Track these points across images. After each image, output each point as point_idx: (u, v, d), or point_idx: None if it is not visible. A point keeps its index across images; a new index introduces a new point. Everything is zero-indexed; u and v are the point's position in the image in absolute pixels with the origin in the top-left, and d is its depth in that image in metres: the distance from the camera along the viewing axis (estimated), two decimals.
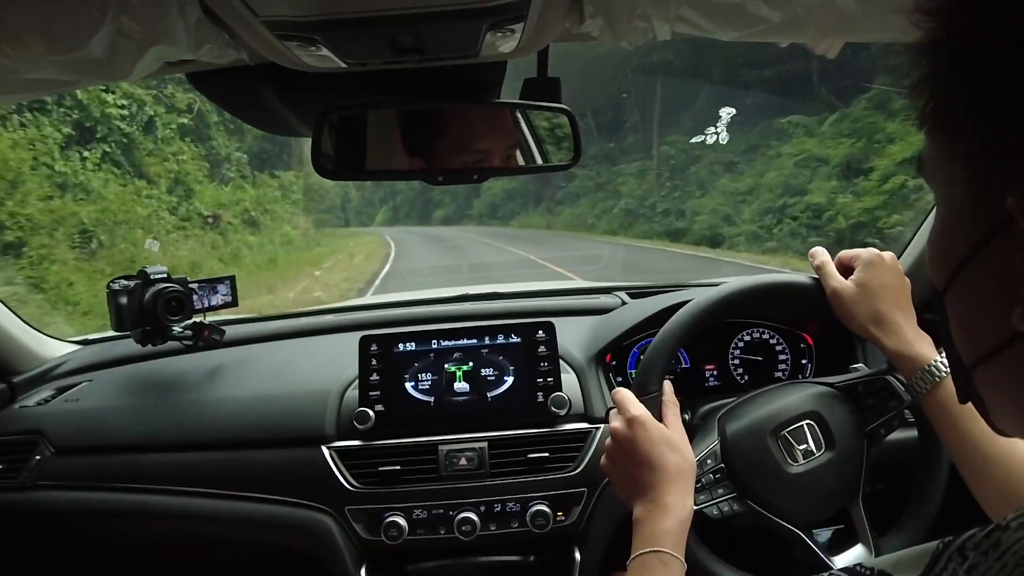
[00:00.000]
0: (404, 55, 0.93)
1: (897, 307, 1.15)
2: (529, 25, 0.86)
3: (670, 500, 1.01)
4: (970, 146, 0.44)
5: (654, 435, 1.06)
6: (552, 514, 1.39)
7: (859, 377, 1.25)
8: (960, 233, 0.47)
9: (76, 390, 1.76)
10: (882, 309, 1.14)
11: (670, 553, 0.97)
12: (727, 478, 1.18)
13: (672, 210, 20.38)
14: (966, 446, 1.02)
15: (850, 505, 1.19)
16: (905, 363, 1.11)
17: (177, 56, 0.89)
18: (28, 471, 1.57)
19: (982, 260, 0.45)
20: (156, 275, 1.70)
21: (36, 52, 0.83)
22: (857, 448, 1.19)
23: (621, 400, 1.11)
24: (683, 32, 0.95)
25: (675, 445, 1.07)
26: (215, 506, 1.48)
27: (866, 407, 1.21)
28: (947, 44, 0.44)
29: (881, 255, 1.19)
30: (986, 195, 0.43)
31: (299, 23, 0.80)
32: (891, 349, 1.12)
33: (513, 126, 1.27)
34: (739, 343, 1.68)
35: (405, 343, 1.52)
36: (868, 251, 1.20)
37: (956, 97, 0.45)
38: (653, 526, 1.00)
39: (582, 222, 24.98)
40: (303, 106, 1.17)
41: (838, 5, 0.85)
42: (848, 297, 1.16)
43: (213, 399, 1.64)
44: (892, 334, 1.13)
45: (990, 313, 0.46)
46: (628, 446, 1.06)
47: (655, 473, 1.03)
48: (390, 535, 1.38)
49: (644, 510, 1.02)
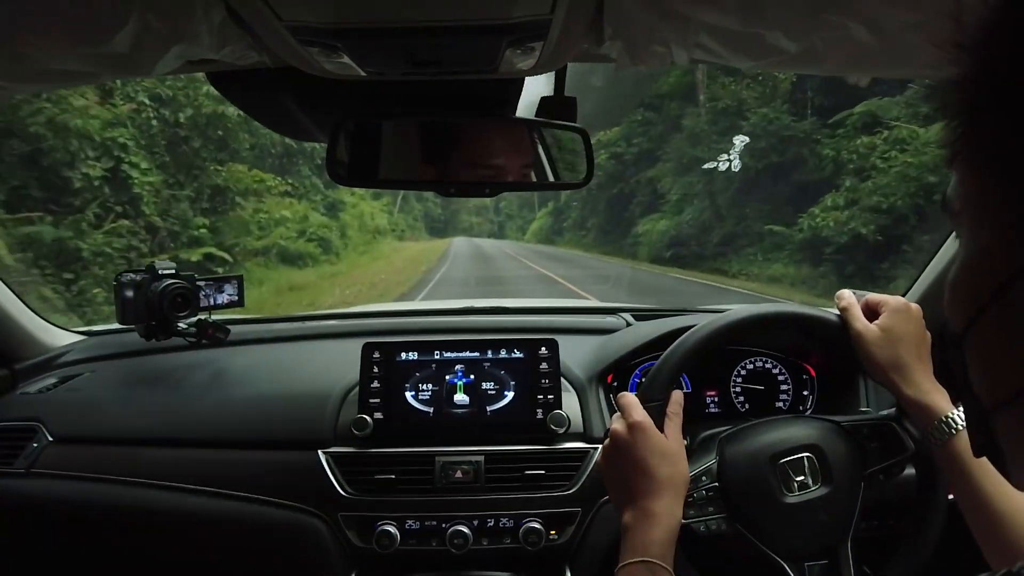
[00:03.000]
0: (423, 67, 0.94)
1: (918, 357, 1.15)
2: (549, 44, 0.87)
3: (658, 510, 1.02)
4: (1002, 185, 0.43)
5: (652, 443, 1.07)
6: (545, 532, 1.39)
7: (866, 419, 1.26)
8: (985, 274, 0.46)
9: (78, 380, 1.77)
10: (903, 356, 1.14)
11: (659, 564, 0.97)
12: (720, 498, 1.18)
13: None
14: (979, 501, 1.01)
15: (838, 544, 1.18)
16: (921, 412, 1.11)
17: (199, 55, 0.90)
18: (24, 458, 1.57)
19: (1007, 303, 0.44)
20: (164, 271, 1.71)
21: (60, 44, 0.84)
22: (854, 489, 1.19)
23: (626, 404, 1.12)
24: (701, 59, 0.96)
25: (670, 456, 1.07)
26: (209, 504, 1.48)
27: (869, 450, 1.21)
28: (981, 80, 0.42)
29: (908, 304, 1.20)
30: (1018, 236, 0.42)
31: (321, 30, 0.80)
32: (908, 396, 1.12)
33: (530, 143, 1.28)
34: (742, 371, 1.68)
35: (408, 352, 1.52)
36: (896, 299, 1.21)
37: (989, 134, 0.43)
38: (642, 535, 1.00)
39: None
40: (320, 112, 1.19)
41: (855, 39, 0.86)
42: (872, 340, 1.16)
43: (213, 397, 1.65)
44: (910, 382, 1.13)
45: (1013, 357, 0.45)
46: (625, 450, 1.07)
47: (647, 481, 1.04)
48: (382, 544, 1.37)
49: (633, 517, 1.03)
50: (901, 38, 0.85)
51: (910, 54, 0.91)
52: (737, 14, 0.82)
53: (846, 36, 0.86)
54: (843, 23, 0.83)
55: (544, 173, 1.30)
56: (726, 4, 0.80)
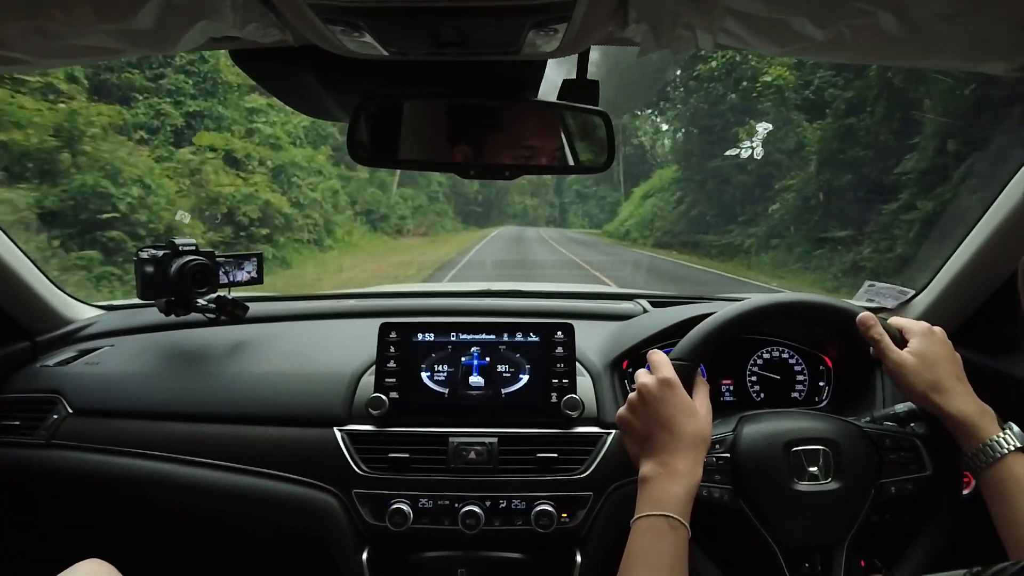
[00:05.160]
0: (446, 47, 0.94)
1: (957, 378, 1.15)
2: (573, 26, 0.86)
3: (680, 467, 1.03)
4: None
5: (679, 400, 1.08)
6: (557, 515, 1.39)
7: (890, 430, 1.25)
8: None
9: (97, 354, 1.79)
10: (943, 379, 1.14)
11: (679, 519, 0.98)
12: (729, 469, 1.20)
13: None
14: (1018, 527, 1.01)
15: (835, 546, 1.18)
16: (965, 432, 1.10)
17: (222, 32, 0.90)
18: (44, 429, 1.60)
19: None
20: (185, 247, 1.72)
21: (85, 19, 0.84)
22: (863, 494, 1.19)
23: (656, 361, 1.13)
24: (726, 44, 0.94)
25: (695, 415, 1.08)
26: (224, 479, 1.49)
27: (886, 460, 1.22)
28: None
29: (931, 328, 1.20)
30: None
31: (345, 8, 0.80)
32: (955, 416, 1.11)
33: (558, 126, 1.28)
34: (758, 360, 1.67)
35: (424, 333, 1.53)
36: (920, 324, 1.21)
37: None
38: (663, 489, 1.01)
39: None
40: (342, 91, 1.18)
41: (883, 27, 0.84)
42: (911, 368, 1.15)
43: (231, 373, 1.66)
44: (954, 402, 1.12)
45: None
46: (653, 404, 1.08)
47: (671, 437, 1.05)
48: (395, 522, 1.38)
49: (653, 470, 1.04)
50: (931, 28, 0.84)
51: (941, 45, 0.90)
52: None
53: (873, 24, 0.84)
54: (870, 11, 0.82)
55: (565, 157, 1.29)
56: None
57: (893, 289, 1.87)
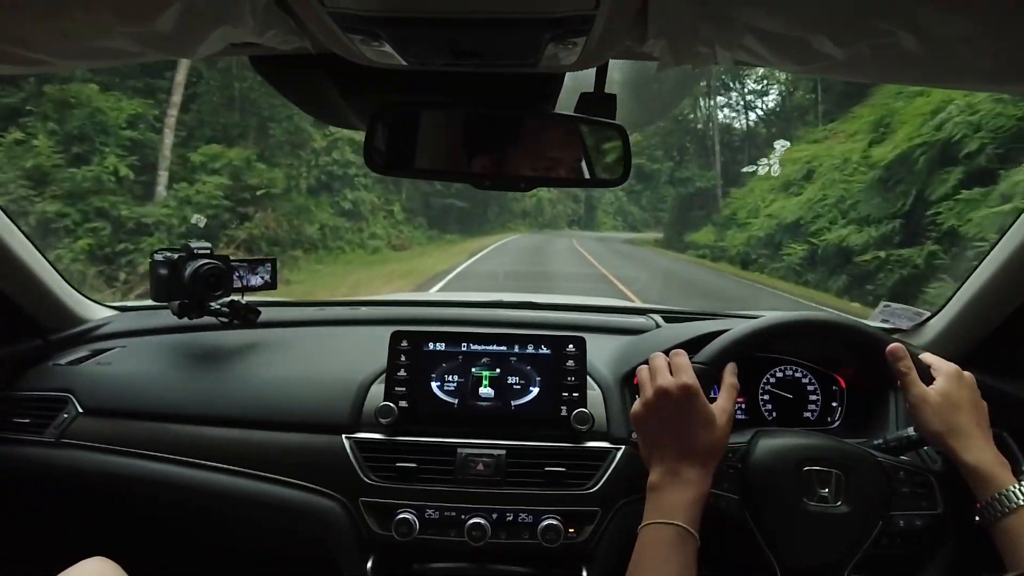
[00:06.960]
0: (464, 58, 0.94)
1: (977, 424, 1.14)
2: (591, 39, 0.86)
3: (691, 476, 1.03)
4: None
5: (698, 409, 1.07)
6: (563, 529, 1.38)
7: (905, 464, 1.25)
8: None
9: (109, 354, 1.80)
10: (963, 424, 1.13)
11: (687, 529, 0.98)
12: (738, 479, 1.19)
13: None
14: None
15: (837, 569, 1.17)
16: (980, 481, 1.09)
17: (242, 39, 0.90)
18: (54, 428, 1.60)
19: None
20: (200, 250, 1.73)
21: (105, 21, 0.84)
22: (871, 522, 1.18)
23: (678, 364, 1.12)
24: (745, 61, 0.94)
25: (712, 425, 1.07)
26: (231, 482, 1.49)
27: (898, 492, 1.21)
28: None
29: (960, 371, 1.19)
30: None
31: (365, 18, 0.80)
32: (969, 464, 1.10)
33: (577, 139, 1.28)
34: (771, 378, 1.66)
35: (435, 343, 1.53)
36: (949, 365, 1.20)
37: None
38: (672, 497, 1.01)
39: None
40: (359, 99, 1.19)
41: (904, 48, 0.84)
42: (932, 406, 1.15)
43: (241, 377, 1.66)
44: (970, 450, 1.11)
45: None
46: (671, 409, 1.07)
47: (685, 446, 1.05)
48: (400, 531, 1.38)
49: (662, 478, 1.04)
50: (953, 50, 0.83)
51: (963, 67, 0.89)
52: (782, 17, 0.80)
53: (894, 44, 0.84)
54: (891, 31, 0.81)
55: (582, 170, 1.29)
56: (771, 6, 0.78)
57: (908, 310, 1.86)
